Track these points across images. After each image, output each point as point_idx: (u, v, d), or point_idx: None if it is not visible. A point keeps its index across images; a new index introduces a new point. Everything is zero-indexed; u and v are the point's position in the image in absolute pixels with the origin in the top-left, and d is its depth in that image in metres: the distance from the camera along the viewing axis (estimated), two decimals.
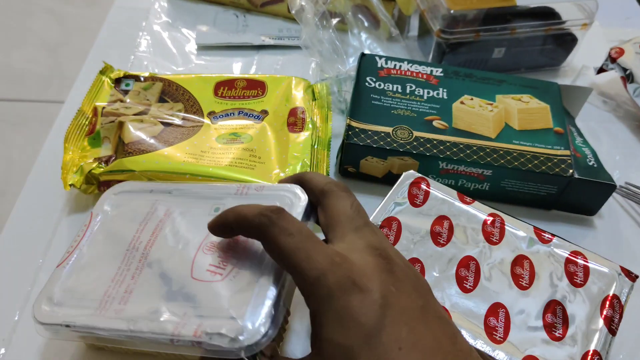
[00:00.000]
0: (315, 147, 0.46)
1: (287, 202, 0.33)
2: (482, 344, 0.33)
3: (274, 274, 0.29)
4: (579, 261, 0.37)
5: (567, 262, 0.37)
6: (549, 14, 0.57)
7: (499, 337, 0.34)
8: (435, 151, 0.45)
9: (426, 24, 0.57)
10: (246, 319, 0.28)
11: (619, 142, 0.56)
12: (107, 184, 0.42)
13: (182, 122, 0.47)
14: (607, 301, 0.35)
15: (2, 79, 1.38)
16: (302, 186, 0.34)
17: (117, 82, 0.49)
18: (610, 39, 0.65)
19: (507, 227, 0.39)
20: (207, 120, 0.47)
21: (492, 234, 0.38)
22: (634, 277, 0.37)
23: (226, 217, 0.29)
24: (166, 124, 0.46)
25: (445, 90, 0.50)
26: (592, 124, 0.57)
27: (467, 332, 0.34)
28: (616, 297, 0.36)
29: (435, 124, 0.47)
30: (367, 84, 0.50)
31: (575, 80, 0.61)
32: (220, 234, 0.31)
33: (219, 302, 0.29)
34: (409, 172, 0.42)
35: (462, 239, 0.38)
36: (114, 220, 0.35)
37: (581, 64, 0.62)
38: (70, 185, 0.42)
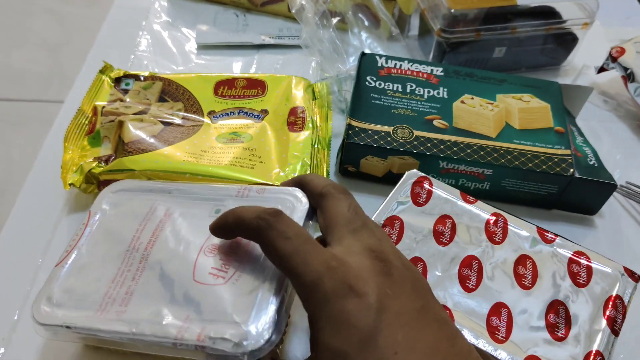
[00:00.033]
0: (315, 146, 0.46)
1: (288, 205, 0.33)
2: (484, 344, 0.33)
3: (277, 279, 0.29)
4: (582, 261, 0.37)
5: (570, 262, 0.37)
6: (549, 14, 0.57)
7: (501, 336, 0.34)
8: (435, 150, 0.45)
9: (427, 23, 0.57)
10: (250, 324, 0.28)
11: (620, 141, 0.56)
12: (107, 183, 0.42)
13: (182, 122, 0.47)
14: (610, 302, 0.35)
15: (2, 79, 1.38)
16: (302, 189, 0.34)
17: (117, 81, 0.49)
18: (610, 39, 0.65)
19: (510, 227, 0.39)
20: (207, 119, 0.47)
21: (495, 233, 0.38)
22: (637, 278, 0.36)
23: (226, 218, 0.30)
24: (166, 124, 0.46)
25: (445, 89, 0.50)
26: (592, 124, 0.57)
27: (469, 331, 0.34)
28: (619, 297, 0.35)
29: (435, 123, 0.47)
30: (367, 83, 0.50)
31: (575, 79, 0.61)
32: (220, 236, 0.31)
33: (222, 306, 0.29)
34: (412, 171, 0.41)
35: (465, 238, 0.38)
36: (113, 219, 0.35)
37: (582, 63, 0.62)
38: (70, 184, 0.42)
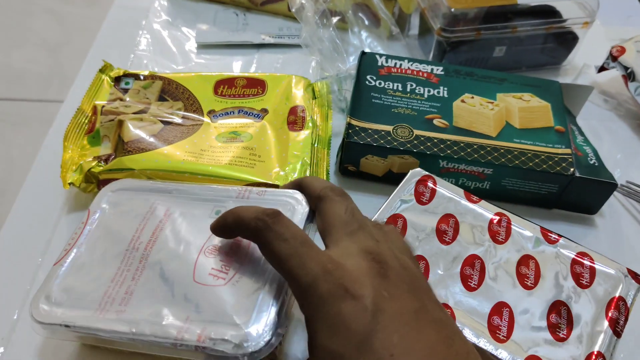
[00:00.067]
0: (315, 145, 0.46)
1: (288, 207, 0.33)
2: (485, 343, 0.33)
3: (277, 281, 0.30)
4: (585, 262, 0.37)
5: (573, 262, 0.37)
6: (549, 13, 0.57)
7: (502, 336, 0.33)
8: (435, 150, 0.45)
9: (427, 22, 0.57)
10: (250, 325, 0.28)
11: (620, 140, 0.56)
12: (107, 182, 0.42)
13: (181, 121, 0.46)
14: (613, 303, 0.35)
15: (2, 79, 1.38)
16: (301, 191, 0.34)
17: (117, 80, 0.49)
18: (611, 38, 0.65)
19: (513, 227, 0.39)
20: (206, 118, 0.47)
21: (498, 233, 0.38)
22: None
23: (225, 218, 0.30)
24: (166, 123, 0.46)
25: (445, 88, 0.50)
26: (593, 123, 0.56)
27: (470, 330, 0.34)
28: (622, 299, 0.35)
29: (435, 122, 0.47)
30: (367, 82, 0.50)
31: (576, 78, 0.61)
32: (221, 235, 0.31)
33: (222, 307, 0.29)
34: (416, 170, 0.41)
35: (468, 237, 0.38)
36: (112, 218, 0.35)
37: (582, 62, 0.62)
38: (69, 183, 0.42)
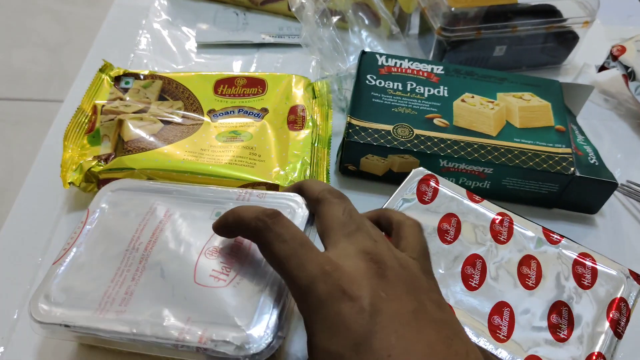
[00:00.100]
0: (315, 145, 0.46)
1: (289, 210, 0.33)
2: (485, 342, 0.33)
3: (278, 283, 0.30)
4: (587, 263, 0.37)
5: (575, 263, 0.37)
6: (550, 12, 0.57)
7: (503, 335, 0.33)
8: (436, 149, 0.45)
9: (427, 21, 0.57)
10: (252, 327, 0.28)
11: (621, 140, 0.56)
12: (107, 182, 0.42)
13: (181, 120, 0.46)
14: (614, 304, 0.35)
15: (3, 78, 1.38)
16: (301, 194, 0.34)
17: (117, 80, 0.49)
18: (611, 37, 0.65)
19: (515, 227, 0.39)
20: (207, 118, 0.47)
21: (500, 233, 0.38)
22: None
23: (226, 218, 0.30)
24: (166, 122, 0.46)
25: (446, 88, 0.50)
26: (593, 122, 0.56)
27: (470, 329, 0.34)
28: (623, 300, 0.35)
29: (436, 122, 0.47)
30: (367, 82, 0.50)
31: (576, 78, 0.61)
32: (222, 234, 0.32)
33: (223, 309, 0.29)
34: (419, 169, 0.41)
35: (470, 237, 0.38)
36: (111, 218, 0.35)
37: (582, 62, 0.62)
38: (69, 183, 0.42)
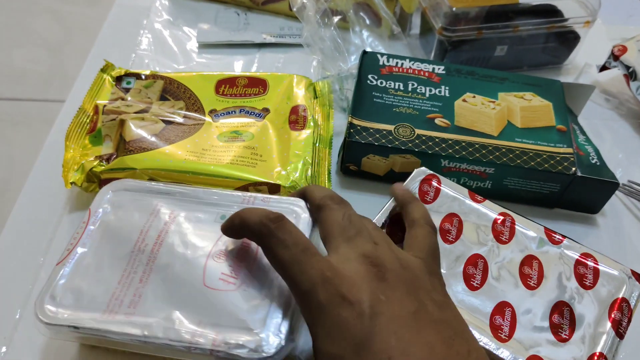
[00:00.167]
0: (316, 145, 0.46)
1: (294, 215, 0.34)
2: (487, 342, 0.33)
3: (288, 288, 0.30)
4: (589, 263, 0.37)
5: (577, 263, 0.37)
6: (551, 12, 0.57)
7: (504, 335, 0.33)
8: (437, 149, 0.45)
9: (428, 21, 0.57)
10: (265, 331, 0.29)
11: (622, 140, 0.55)
12: (108, 182, 0.42)
13: (183, 120, 0.46)
14: (616, 304, 0.35)
15: (4, 78, 1.38)
16: (304, 200, 0.35)
17: (118, 80, 0.49)
18: (612, 37, 0.65)
19: (517, 227, 0.39)
20: (208, 118, 0.47)
21: (502, 233, 0.38)
22: None
23: (233, 220, 0.31)
24: (167, 122, 0.46)
25: (447, 88, 0.50)
26: (594, 122, 0.56)
27: (472, 329, 0.33)
28: (625, 300, 0.35)
29: (437, 121, 0.47)
30: (369, 81, 0.50)
31: (577, 78, 0.61)
32: (229, 236, 0.32)
33: (235, 312, 0.30)
34: (421, 169, 0.41)
35: (471, 237, 0.38)
36: (115, 219, 0.35)
37: (584, 61, 0.62)
38: (71, 183, 0.42)
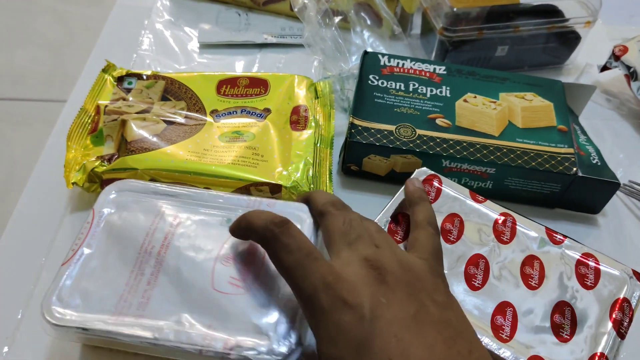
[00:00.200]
0: (318, 145, 0.46)
1: (298, 220, 0.34)
2: (488, 342, 0.33)
3: None
4: (590, 263, 0.37)
5: (578, 263, 0.37)
6: (552, 12, 0.57)
7: (506, 335, 0.34)
8: (438, 149, 0.45)
9: (429, 22, 0.57)
10: (275, 334, 0.29)
11: (623, 140, 0.55)
12: (110, 182, 0.42)
13: (184, 121, 0.47)
14: (617, 304, 0.35)
15: (5, 78, 1.38)
16: (308, 205, 0.36)
17: (120, 80, 0.49)
18: (613, 37, 0.65)
19: (518, 227, 0.39)
20: (209, 118, 0.47)
21: (503, 233, 0.38)
22: None
23: (239, 222, 0.32)
24: (169, 122, 0.46)
25: (448, 88, 0.50)
26: (595, 122, 0.56)
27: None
28: (626, 300, 0.35)
29: (438, 122, 0.47)
30: (370, 82, 0.50)
31: (578, 78, 0.61)
32: (237, 237, 0.33)
33: (245, 315, 0.30)
34: (422, 169, 0.42)
35: (473, 237, 0.38)
36: (120, 220, 0.35)
37: (585, 62, 0.62)
38: (72, 183, 0.42)
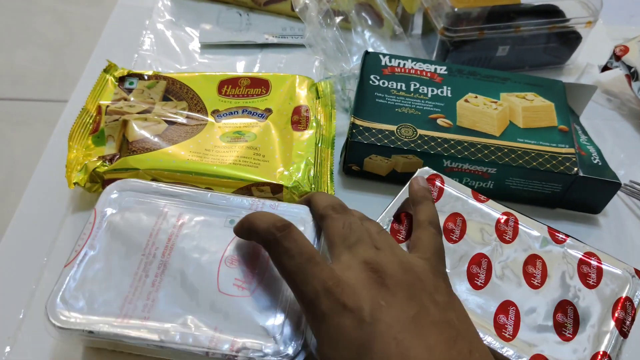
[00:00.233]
0: (319, 145, 0.46)
1: (300, 223, 0.35)
2: (491, 340, 0.33)
3: None
4: (593, 262, 0.37)
5: (580, 262, 0.37)
6: (553, 12, 0.57)
7: (508, 334, 0.34)
8: (439, 149, 0.45)
9: (430, 22, 0.57)
10: (281, 337, 0.30)
11: (624, 140, 0.56)
12: (111, 182, 0.42)
13: (186, 121, 0.47)
14: (620, 303, 0.35)
15: (6, 78, 1.38)
16: (310, 207, 0.36)
17: (121, 80, 0.49)
18: (614, 37, 0.65)
19: (520, 227, 0.39)
20: (211, 118, 0.47)
21: (506, 232, 0.38)
22: None
23: (242, 224, 0.32)
24: (170, 123, 0.46)
25: (449, 88, 0.50)
26: (596, 122, 0.56)
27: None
28: (629, 299, 0.35)
29: (439, 122, 0.47)
30: (371, 82, 0.50)
31: (579, 78, 0.61)
32: (241, 237, 0.33)
33: (251, 318, 0.30)
34: (424, 169, 0.42)
35: (475, 236, 0.38)
36: (122, 221, 0.35)
37: (585, 62, 0.62)
38: (74, 183, 0.42)
